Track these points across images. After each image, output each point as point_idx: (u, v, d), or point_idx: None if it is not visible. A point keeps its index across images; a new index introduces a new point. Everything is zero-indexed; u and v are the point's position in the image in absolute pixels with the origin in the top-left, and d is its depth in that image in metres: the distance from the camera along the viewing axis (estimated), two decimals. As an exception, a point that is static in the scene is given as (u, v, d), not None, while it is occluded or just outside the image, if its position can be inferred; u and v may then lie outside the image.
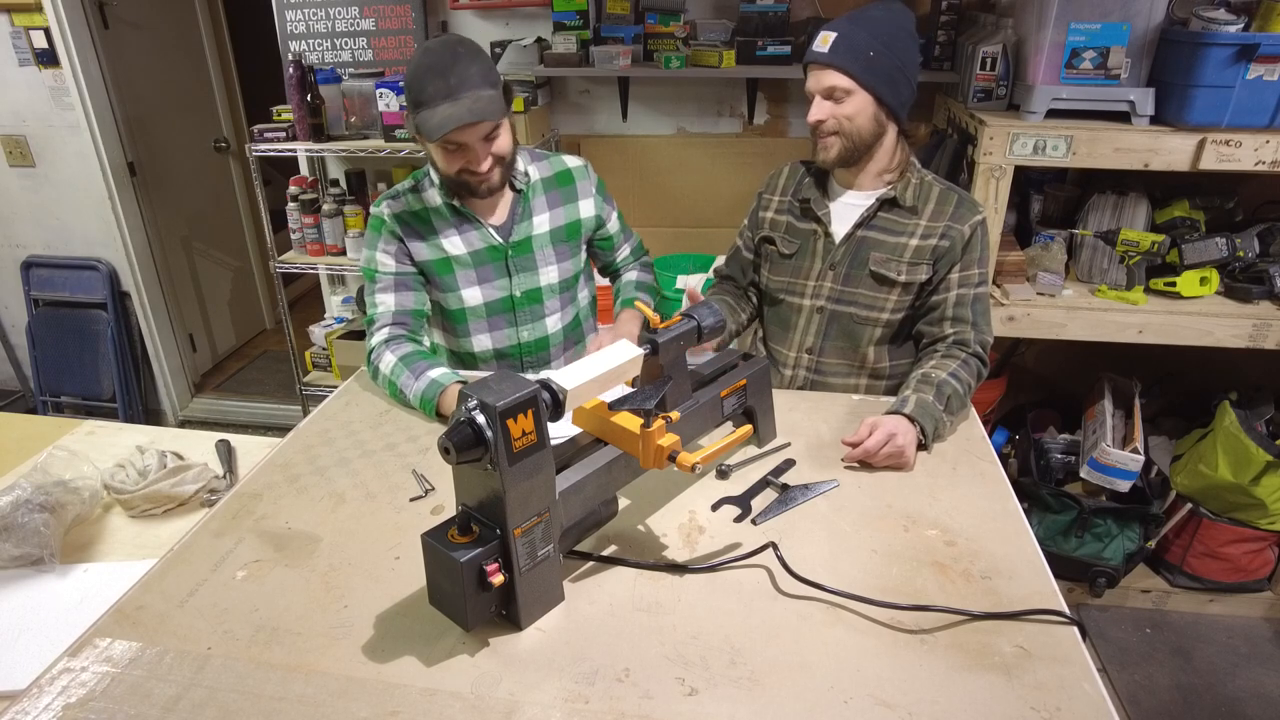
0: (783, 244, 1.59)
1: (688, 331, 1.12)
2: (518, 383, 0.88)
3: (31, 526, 1.22)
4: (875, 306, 1.52)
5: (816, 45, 1.40)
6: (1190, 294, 2.06)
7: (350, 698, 0.86)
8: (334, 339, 2.94)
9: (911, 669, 0.89)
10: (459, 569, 0.87)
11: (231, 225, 3.90)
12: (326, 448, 1.35)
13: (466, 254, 1.54)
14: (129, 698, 0.86)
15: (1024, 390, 2.72)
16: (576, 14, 2.49)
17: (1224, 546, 2.26)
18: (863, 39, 1.37)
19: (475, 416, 0.85)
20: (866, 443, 1.25)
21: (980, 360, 1.46)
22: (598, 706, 0.85)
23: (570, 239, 1.62)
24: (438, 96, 1.31)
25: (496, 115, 1.36)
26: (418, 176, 1.56)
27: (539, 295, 1.61)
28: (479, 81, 1.33)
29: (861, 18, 1.40)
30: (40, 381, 3.38)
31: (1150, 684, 2.15)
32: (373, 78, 2.57)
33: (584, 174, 1.64)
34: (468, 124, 1.32)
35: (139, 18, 3.17)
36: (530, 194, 1.57)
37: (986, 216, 1.48)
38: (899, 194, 1.48)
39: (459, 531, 0.90)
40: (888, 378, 1.59)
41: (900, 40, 1.40)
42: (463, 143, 1.37)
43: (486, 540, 0.89)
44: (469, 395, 0.86)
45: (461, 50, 1.34)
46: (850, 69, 1.37)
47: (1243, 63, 1.77)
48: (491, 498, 0.89)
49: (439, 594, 0.94)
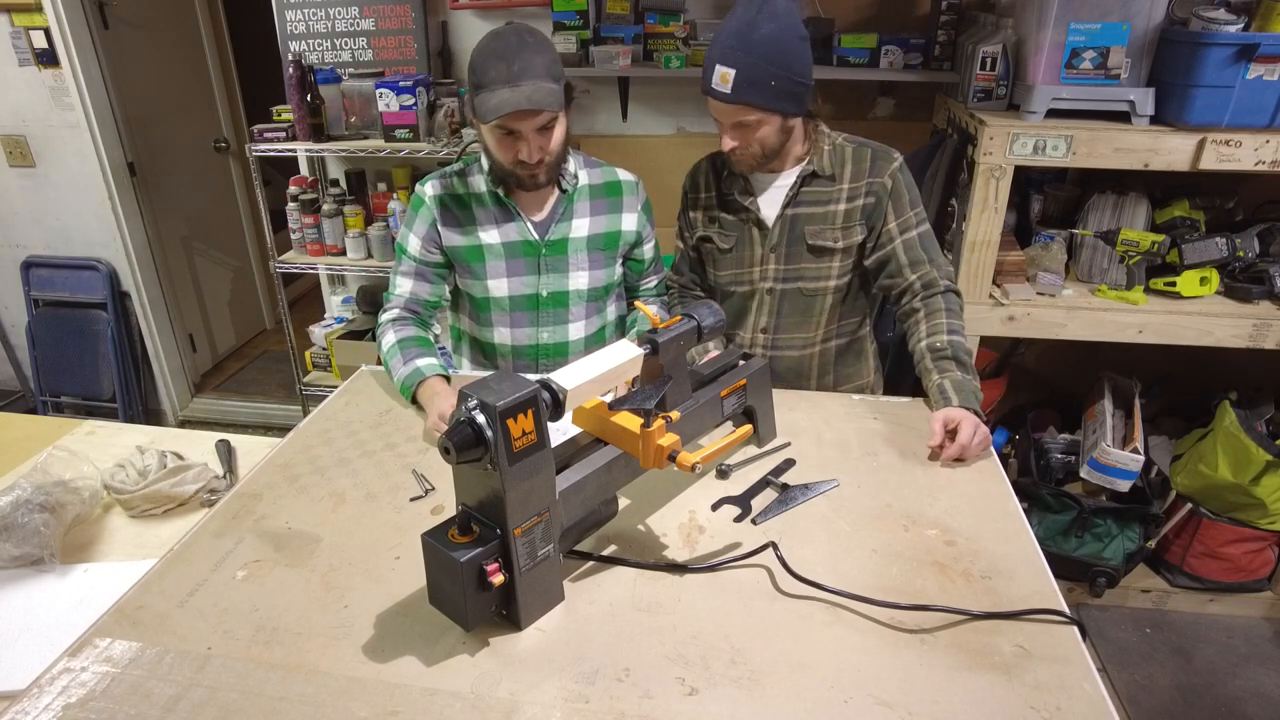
0: (720, 239, 1.60)
1: (688, 331, 1.12)
2: (517, 382, 0.88)
3: (31, 526, 1.22)
4: (821, 277, 1.56)
5: (716, 83, 1.35)
6: (1190, 294, 2.06)
7: (350, 698, 0.86)
8: (334, 339, 2.94)
9: (911, 669, 0.89)
10: (459, 569, 0.87)
11: (231, 225, 3.89)
12: (326, 448, 1.35)
13: (500, 244, 1.54)
14: (129, 698, 0.86)
15: (1024, 390, 2.72)
16: (576, 14, 2.49)
17: (1224, 546, 2.26)
18: (761, 70, 1.33)
19: (475, 416, 0.85)
20: (960, 439, 1.27)
21: (954, 293, 1.50)
22: (598, 706, 0.85)
23: (607, 248, 1.61)
24: (498, 81, 1.31)
25: (554, 107, 1.35)
26: (468, 161, 1.57)
27: (565, 299, 1.59)
28: (542, 72, 1.33)
29: (754, 42, 1.32)
30: (40, 381, 3.38)
31: (1150, 684, 2.15)
32: (373, 78, 2.57)
33: (633, 189, 1.63)
34: (524, 110, 1.32)
35: (139, 18, 3.17)
36: (575, 196, 1.56)
37: (902, 160, 1.51)
38: (817, 166, 1.50)
39: (459, 531, 0.90)
40: (836, 337, 1.64)
41: (795, 52, 1.35)
42: (516, 130, 1.37)
43: (487, 540, 0.89)
44: (469, 395, 0.86)
45: (529, 39, 1.35)
46: (756, 103, 1.36)
47: (1243, 63, 1.77)
48: (491, 497, 0.89)
49: (439, 594, 0.94)
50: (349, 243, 2.75)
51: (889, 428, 1.39)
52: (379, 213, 2.82)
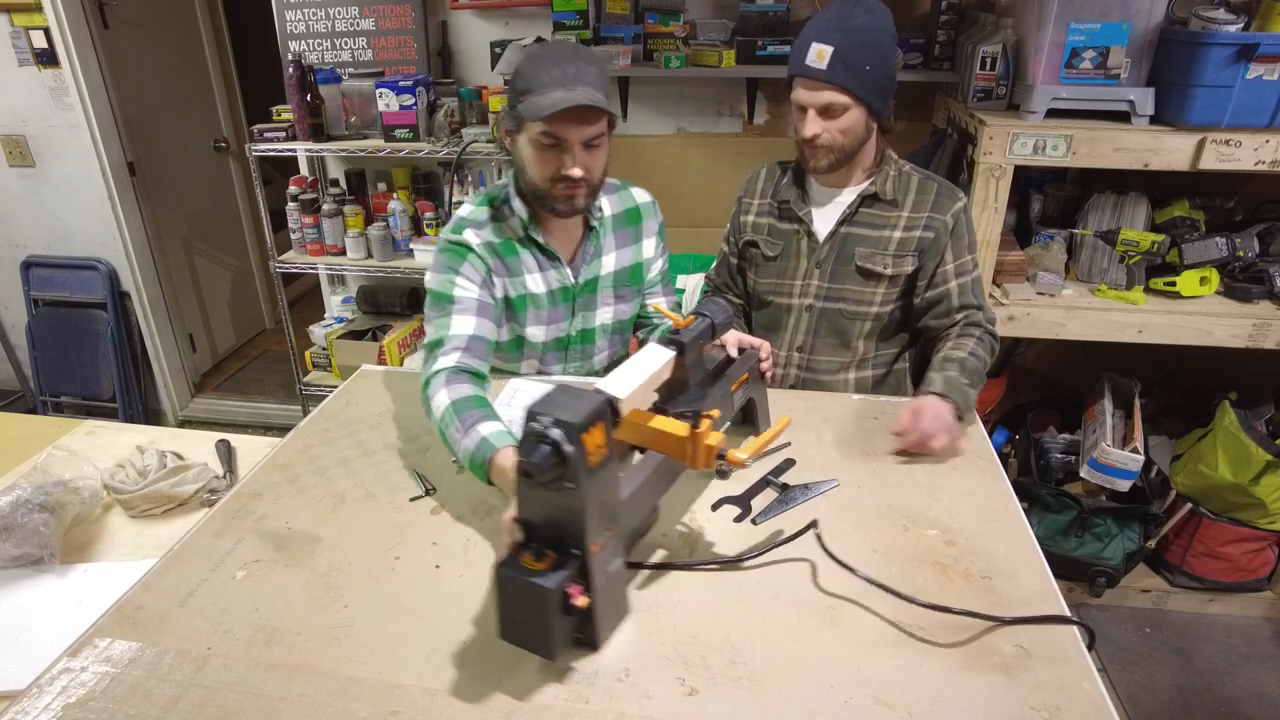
0: (766, 246, 1.59)
1: (704, 330, 1.14)
2: (583, 395, 0.85)
3: (31, 526, 1.22)
4: (864, 301, 1.53)
5: (811, 60, 1.36)
6: (1190, 294, 2.06)
7: (350, 698, 0.86)
8: (334, 339, 2.94)
9: (911, 669, 0.89)
10: (547, 597, 0.82)
11: (231, 225, 3.89)
12: (326, 448, 1.35)
13: (544, 293, 1.46)
14: (129, 698, 0.86)
15: (1024, 390, 2.72)
16: (576, 14, 2.48)
17: (1224, 546, 2.26)
18: (858, 53, 1.35)
19: (552, 433, 0.80)
20: (921, 424, 1.25)
21: (992, 335, 1.49)
22: (598, 706, 0.85)
23: (632, 282, 1.56)
24: (552, 83, 1.23)
25: (609, 109, 1.28)
26: (494, 202, 1.44)
27: (593, 335, 1.56)
28: (595, 82, 1.27)
29: (852, 28, 1.35)
30: (40, 381, 3.38)
31: (1150, 684, 2.15)
32: (372, 78, 2.57)
33: (650, 211, 1.58)
34: (580, 107, 1.22)
35: (139, 18, 3.17)
36: (601, 231, 1.49)
37: (967, 201, 1.50)
38: (879, 188, 1.48)
39: (534, 557, 0.85)
40: (873, 367, 1.61)
41: (886, 47, 1.39)
42: (563, 138, 1.27)
43: (566, 563, 0.85)
44: (540, 413, 0.82)
45: (583, 50, 1.30)
46: (849, 86, 1.36)
47: (1242, 62, 1.77)
48: (569, 516, 0.85)
49: (515, 627, 0.88)
50: (349, 243, 2.75)
51: (889, 428, 1.38)
52: (379, 212, 2.82)
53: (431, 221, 2.75)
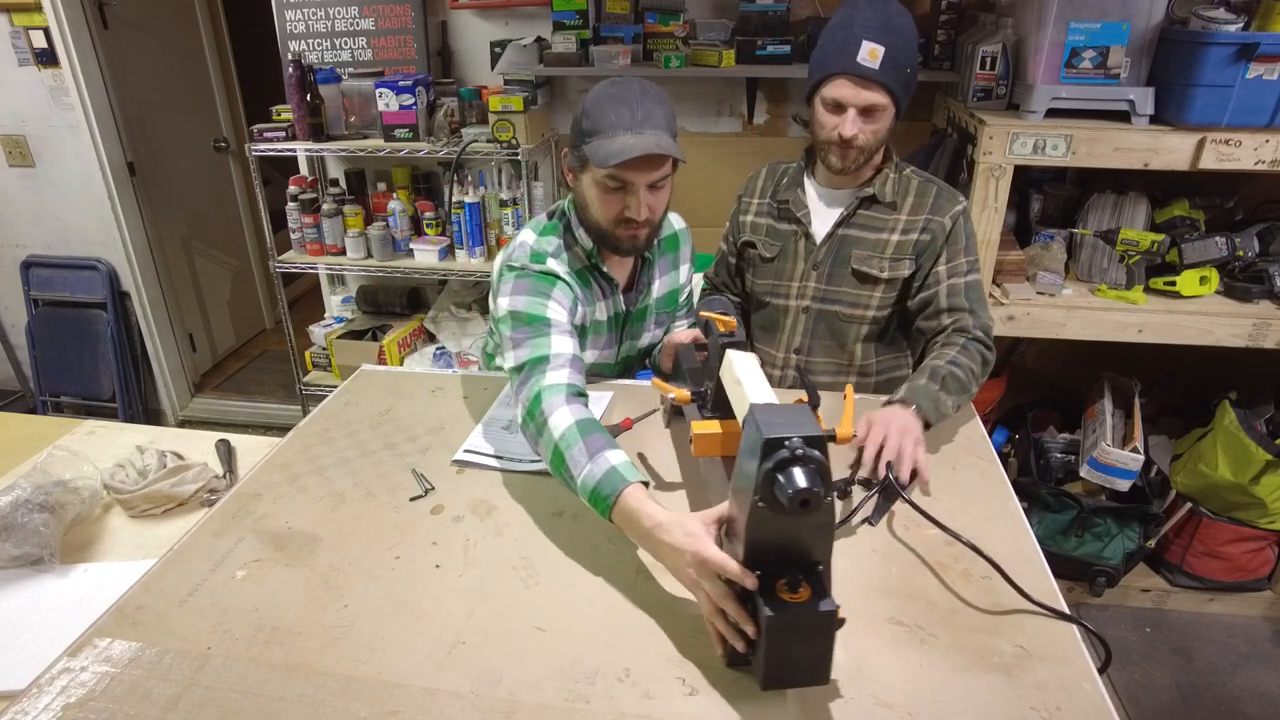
0: (764, 247, 1.59)
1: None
2: (793, 412, 0.81)
3: (31, 526, 1.22)
4: (860, 304, 1.52)
5: (864, 58, 1.31)
6: (1190, 293, 2.06)
7: (350, 698, 0.86)
8: (334, 339, 2.95)
9: (911, 669, 0.89)
10: (832, 620, 0.79)
11: (231, 225, 3.89)
12: (326, 448, 1.35)
13: (605, 320, 1.47)
14: (129, 698, 0.86)
15: (1024, 390, 2.72)
16: (576, 13, 2.49)
17: (1224, 546, 2.26)
18: (903, 54, 1.34)
19: (811, 453, 0.76)
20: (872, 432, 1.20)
21: (982, 344, 1.40)
22: (598, 706, 0.85)
23: (669, 307, 1.58)
24: (619, 126, 1.21)
25: (678, 156, 1.24)
26: (557, 231, 1.40)
27: (633, 360, 1.60)
28: (663, 124, 1.24)
29: (894, 27, 1.33)
30: (40, 381, 3.38)
31: (1150, 684, 2.15)
32: (372, 77, 2.57)
33: (686, 238, 1.59)
34: (649, 156, 1.20)
35: (139, 18, 3.16)
36: (654, 259, 1.50)
37: (968, 205, 1.48)
38: (878, 190, 1.47)
39: (790, 589, 0.80)
40: (875, 374, 1.60)
41: (916, 49, 1.39)
42: (629, 182, 1.24)
43: (819, 585, 0.81)
44: (781, 440, 0.76)
45: (651, 90, 1.26)
46: (893, 87, 1.35)
47: (1242, 62, 1.77)
48: (813, 533, 0.81)
49: (786, 668, 0.82)
50: (349, 242, 2.75)
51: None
52: (379, 212, 2.82)
53: (431, 221, 2.75)
